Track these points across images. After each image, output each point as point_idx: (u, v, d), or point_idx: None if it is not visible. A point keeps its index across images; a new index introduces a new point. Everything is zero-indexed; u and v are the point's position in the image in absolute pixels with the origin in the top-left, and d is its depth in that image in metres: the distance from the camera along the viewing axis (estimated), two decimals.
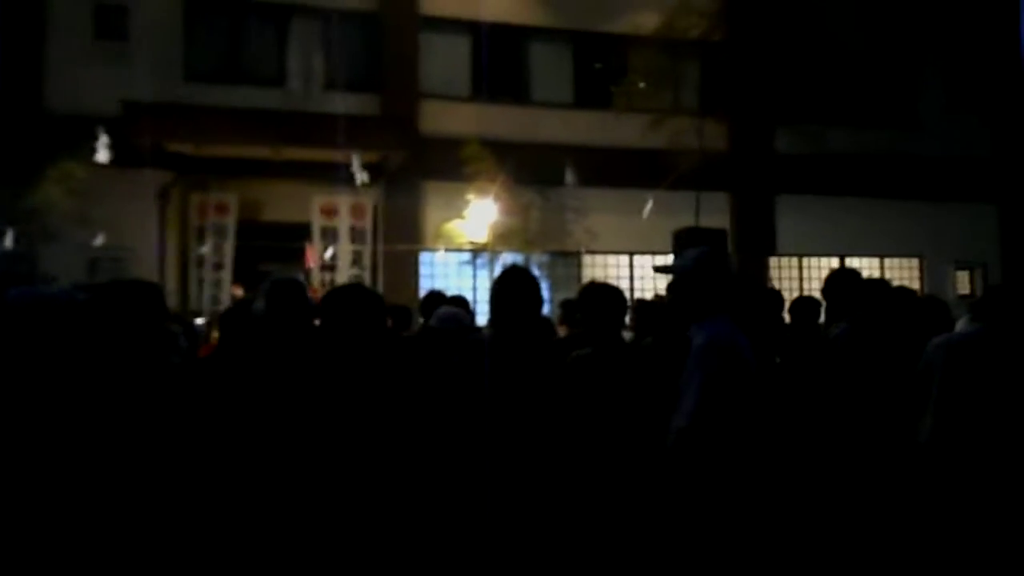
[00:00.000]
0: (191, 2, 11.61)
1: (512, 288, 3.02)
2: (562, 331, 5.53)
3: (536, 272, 3.64)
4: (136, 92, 10.11)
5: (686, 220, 10.31)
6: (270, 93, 11.47)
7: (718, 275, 2.93)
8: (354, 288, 3.02)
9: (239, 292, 10.10)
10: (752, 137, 12.82)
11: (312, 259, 11.04)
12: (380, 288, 11.34)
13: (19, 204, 10.08)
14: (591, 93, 12.63)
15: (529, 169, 11.18)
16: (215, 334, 5.21)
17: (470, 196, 11.14)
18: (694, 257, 2.99)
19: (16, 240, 9.89)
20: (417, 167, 11.50)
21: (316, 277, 10.89)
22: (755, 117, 12.25)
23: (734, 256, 11.46)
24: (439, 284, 10.72)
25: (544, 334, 3.79)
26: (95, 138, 9.42)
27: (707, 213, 10.83)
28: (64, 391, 2.16)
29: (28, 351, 2.25)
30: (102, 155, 9.34)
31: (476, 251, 11.54)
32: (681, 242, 8.73)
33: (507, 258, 11.20)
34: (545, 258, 11.89)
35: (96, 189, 9.72)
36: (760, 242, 13.14)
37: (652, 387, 3.11)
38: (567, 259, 12.40)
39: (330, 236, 11.17)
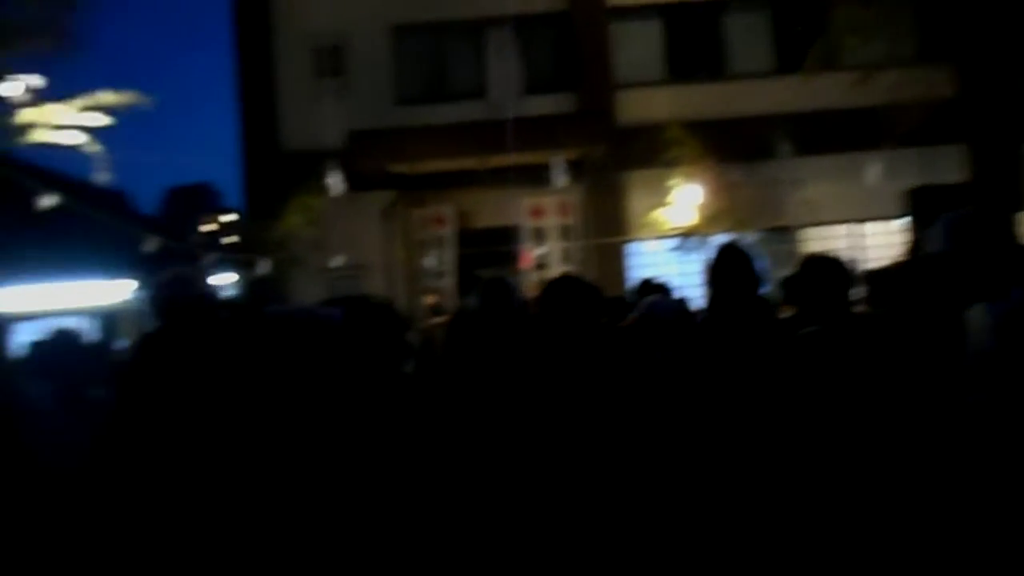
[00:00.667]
0: (396, 32, 12.45)
1: (727, 267, 2.88)
2: (786, 312, 5.32)
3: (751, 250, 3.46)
4: (355, 122, 11.06)
5: (913, 180, 9.48)
6: (473, 106, 12.00)
7: (991, 243, 2.40)
8: (569, 279, 3.07)
9: (431, 300, 10.64)
10: (988, 81, 11.48)
11: (527, 261, 11.42)
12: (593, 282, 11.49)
13: (268, 235, 11.40)
14: (793, 57, 11.94)
15: (734, 145, 10.81)
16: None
17: (674, 181, 10.99)
18: (949, 230, 2.44)
19: (268, 268, 11.16)
20: (618, 159, 11.52)
21: (530, 277, 11.27)
22: (989, 58, 10.96)
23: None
24: (649, 274, 10.65)
25: (764, 314, 3.58)
26: (326, 169, 10.38)
27: (937, 170, 9.87)
28: (323, 398, 2.37)
29: (290, 361, 2.50)
30: (334, 184, 10.26)
31: (684, 236, 11.35)
32: (918, 202, 7.99)
33: (717, 241, 10.91)
34: (759, 236, 11.44)
35: (330, 215, 10.75)
36: (1005, 197, 11.74)
37: (896, 362, 2.78)
38: (784, 235, 11.84)
39: (540, 236, 11.51)
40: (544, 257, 11.43)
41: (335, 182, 10.13)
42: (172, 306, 2.62)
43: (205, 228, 22.52)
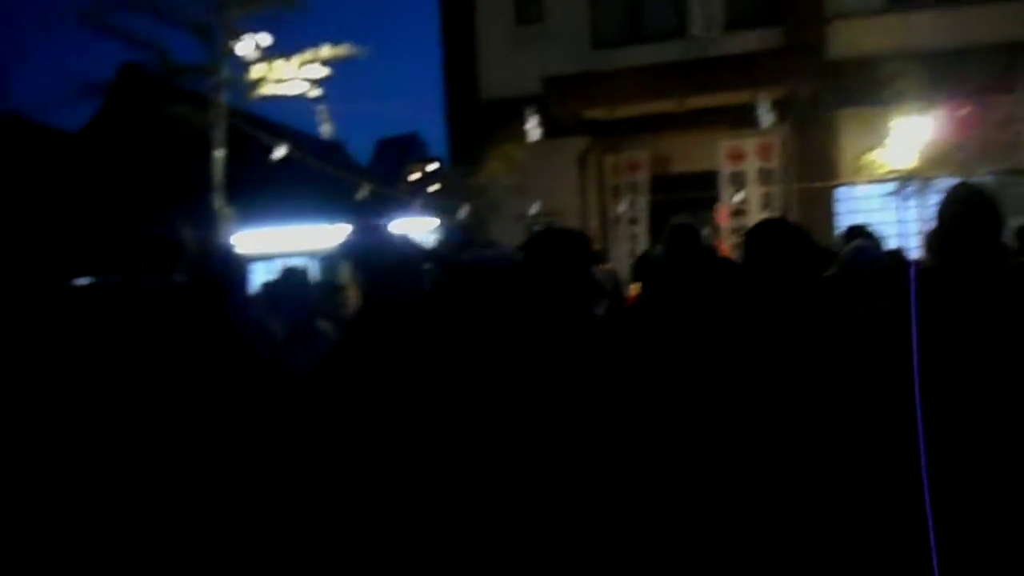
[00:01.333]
0: None
1: (966, 210, 2.41)
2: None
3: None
4: (552, 68, 11.11)
5: None
6: (672, 45, 11.61)
7: None
8: (775, 222, 2.78)
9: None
10: None
11: (723, 216, 11.05)
12: None
13: (469, 183, 11.86)
14: None
15: (965, 79, 9.71)
16: (634, 286, 5.59)
17: (893, 120, 10.08)
18: None
19: (468, 214, 11.63)
20: (828, 96, 10.74)
21: (726, 231, 10.89)
22: None
23: None
24: (861, 220, 9.94)
25: (1004, 264, 2.99)
26: (524, 117, 10.56)
27: None
28: (505, 343, 2.30)
29: (479, 305, 2.58)
30: (532, 132, 10.42)
31: (902, 180, 10.43)
32: None
33: (941, 184, 9.92)
34: (989, 180, 10.27)
35: (527, 162, 10.97)
36: None
37: None
38: (1019, 178, 10.54)
39: (738, 181, 11.07)
40: (743, 203, 11.00)
41: (532, 129, 10.29)
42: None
43: (411, 176, 23.75)
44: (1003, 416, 2.22)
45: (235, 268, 2.58)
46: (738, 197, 10.97)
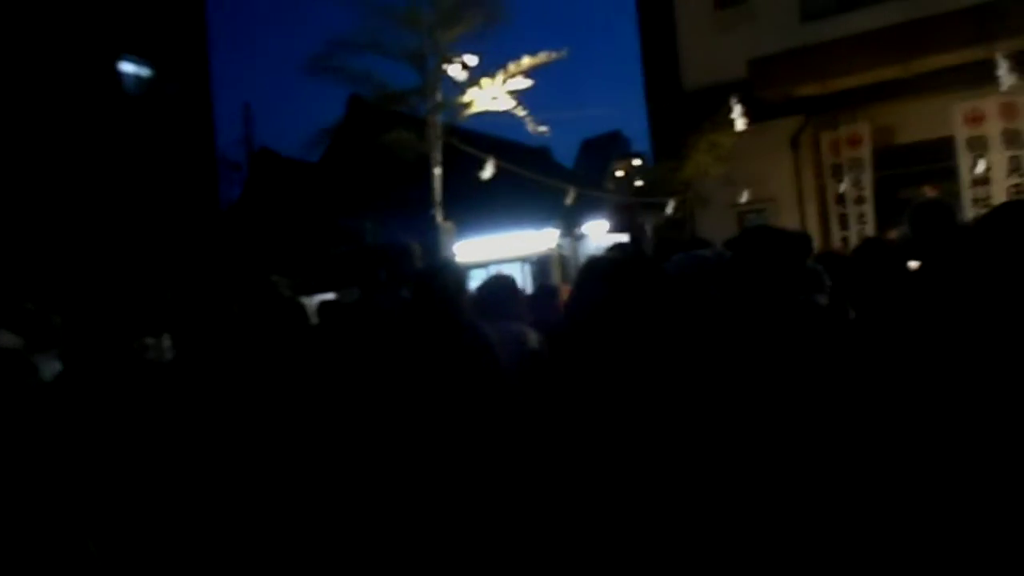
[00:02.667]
0: None
1: None
2: None
3: None
4: (760, 48, 10.65)
5: None
6: (892, 7, 10.67)
7: None
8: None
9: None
10: None
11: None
12: None
13: (675, 176, 11.68)
14: None
15: None
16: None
17: None
18: None
19: (676, 208, 11.45)
20: None
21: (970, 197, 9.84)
22: None
23: None
24: None
25: None
26: (729, 104, 10.24)
27: None
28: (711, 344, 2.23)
29: (684, 308, 2.51)
30: (738, 119, 10.07)
31: None
32: None
33: None
34: None
35: (736, 150, 10.61)
36: None
37: None
38: None
39: (979, 146, 9.96)
40: (987, 171, 9.88)
41: (738, 116, 9.94)
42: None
43: (617, 174, 23.78)
44: None
45: (456, 281, 2.76)
46: (981, 166, 9.88)
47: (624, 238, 10.64)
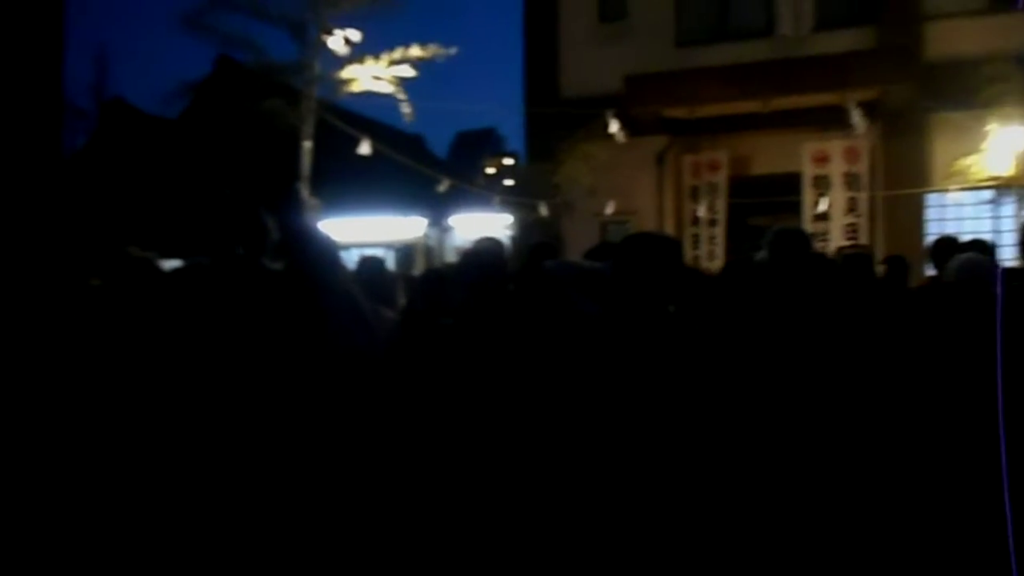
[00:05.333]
0: None
1: None
2: None
3: None
4: (635, 66, 11.04)
5: None
6: (759, 44, 11.39)
7: None
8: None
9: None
10: None
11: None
12: (880, 236, 10.60)
13: (545, 180, 11.88)
14: None
15: None
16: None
17: (990, 125, 9.66)
18: None
19: (544, 212, 11.64)
20: (921, 99, 10.36)
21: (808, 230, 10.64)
22: None
23: None
24: (951, 229, 9.58)
25: None
26: (604, 116, 10.52)
27: None
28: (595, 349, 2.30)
29: (561, 314, 2.57)
30: (613, 131, 10.32)
31: (999, 188, 9.99)
32: None
33: None
34: None
35: (605, 161, 10.92)
36: None
37: None
38: None
39: (822, 184, 10.78)
40: (828, 209, 10.70)
41: (613, 128, 10.22)
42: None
43: (488, 171, 23.89)
44: None
45: (331, 253, 2.67)
46: (823, 203, 10.69)
47: (492, 232, 10.69)
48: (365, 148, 8.51)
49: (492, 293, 2.52)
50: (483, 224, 12.35)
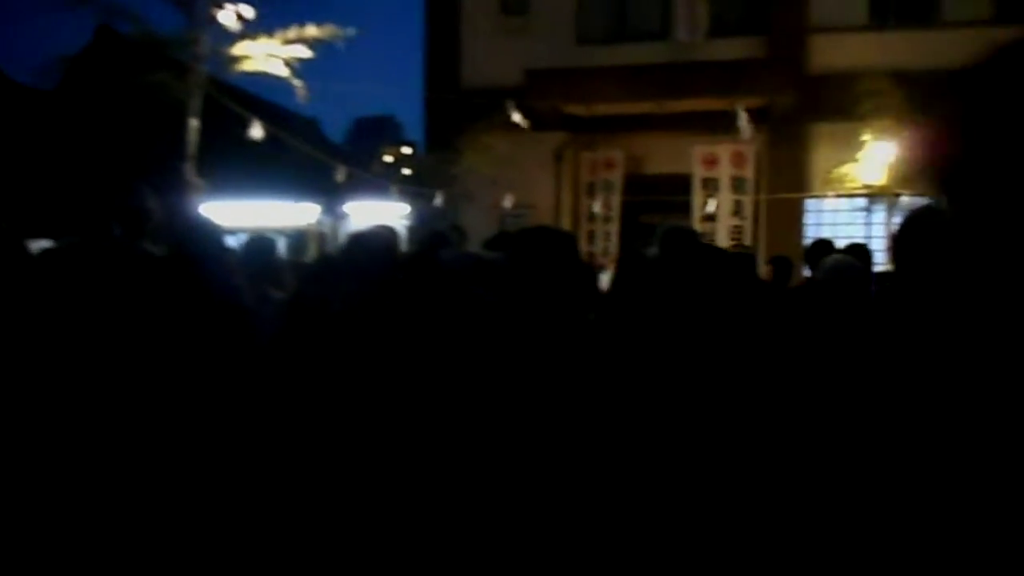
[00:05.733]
0: None
1: (925, 233, 2.68)
2: None
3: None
4: (535, 61, 11.11)
5: None
6: (656, 47, 11.67)
7: None
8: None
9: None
10: None
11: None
12: (762, 238, 11.08)
13: (443, 170, 11.81)
14: (1015, 5, 10.67)
15: (939, 100, 9.88)
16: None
17: (866, 136, 10.26)
18: None
19: (442, 202, 11.57)
20: (805, 109, 10.88)
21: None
22: None
23: None
24: (826, 233, 10.12)
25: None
26: (504, 108, 10.53)
27: None
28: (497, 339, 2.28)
29: (458, 305, 2.57)
30: (516, 120, 10.31)
31: (872, 196, 10.63)
32: None
33: (907, 203, 10.15)
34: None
35: (504, 154, 10.95)
36: None
37: None
38: None
39: (711, 186, 11.18)
40: (715, 211, 11.10)
41: (516, 120, 10.20)
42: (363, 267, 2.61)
43: (385, 159, 23.56)
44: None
45: (214, 238, 2.55)
46: (711, 204, 11.08)
47: (387, 221, 10.52)
48: (256, 130, 8.19)
49: (380, 280, 2.47)
50: (379, 213, 12.14)
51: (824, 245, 5.70)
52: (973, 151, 1.02)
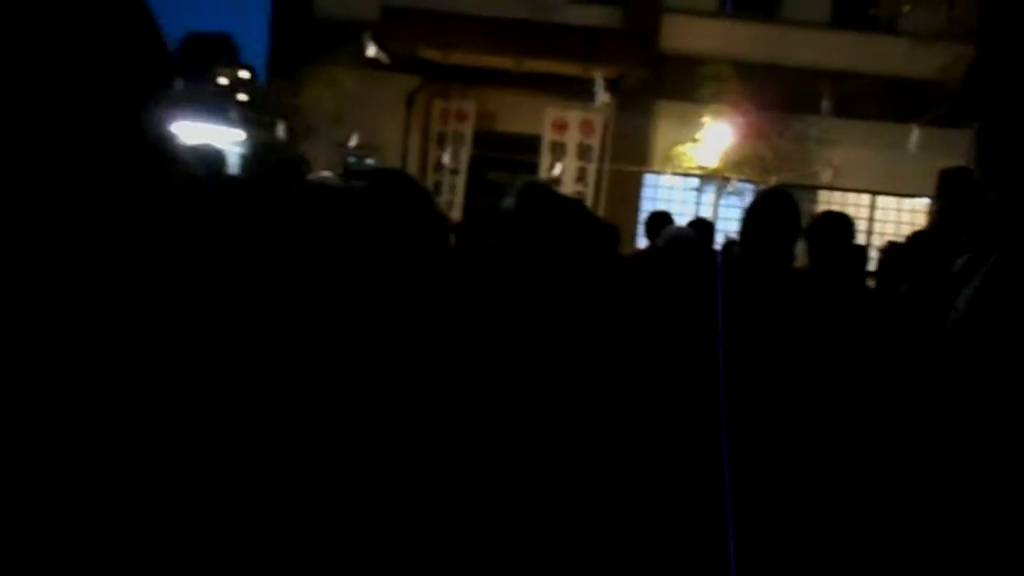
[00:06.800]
0: None
1: (774, 212, 2.75)
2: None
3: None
4: None
5: (947, 162, 9.26)
6: (518, 3, 11.49)
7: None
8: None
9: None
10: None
11: None
12: (601, 206, 11.38)
13: (287, 100, 11.13)
14: (851, 12, 11.51)
15: (773, 93, 10.52)
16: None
17: (705, 119, 10.74)
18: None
19: (285, 133, 10.92)
20: (653, 85, 11.21)
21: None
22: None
23: None
24: (661, 208, 10.55)
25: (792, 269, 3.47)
26: (356, 42, 10.02)
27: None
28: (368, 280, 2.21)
29: (321, 238, 2.39)
30: (371, 54, 9.79)
31: (705, 177, 11.18)
32: (950, 184, 7.82)
33: (737, 186, 10.78)
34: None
35: (352, 91, 10.46)
36: None
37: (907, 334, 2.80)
38: (803, 193, 11.68)
39: (559, 151, 11.30)
40: (560, 174, 11.25)
41: (379, 55, 9.64)
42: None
43: (219, 80, 21.94)
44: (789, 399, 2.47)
45: None
46: (557, 167, 11.20)
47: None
48: None
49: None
50: (211, 136, 11.28)
51: (662, 216, 5.91)
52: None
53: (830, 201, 11.70)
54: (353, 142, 10.88)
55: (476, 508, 2.00)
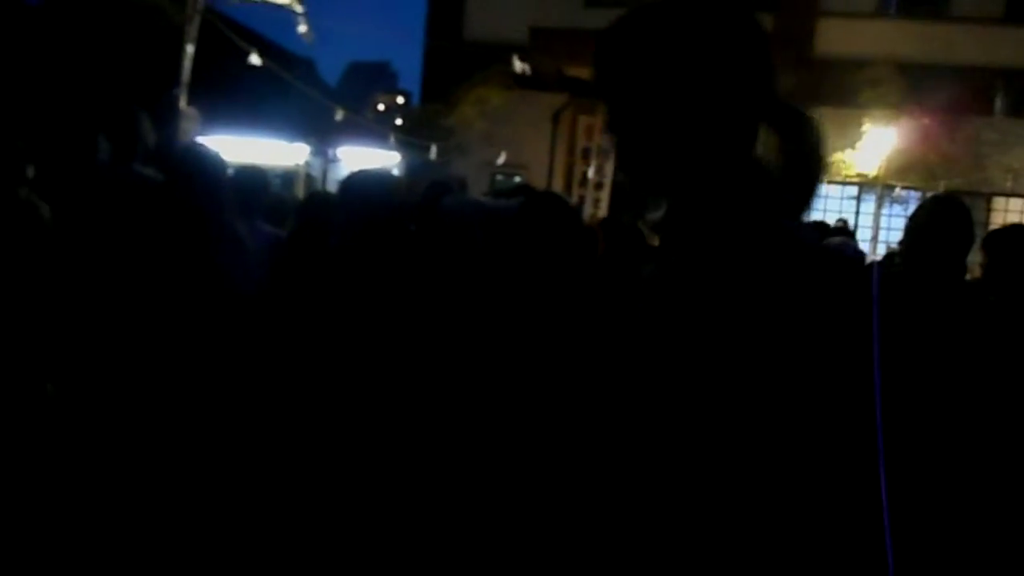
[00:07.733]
0: None
1: (944, 220, 2.52)
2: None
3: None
4: (541, 19, 10.90)
5: None
6: None
7: None
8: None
9: None
10: None
11: None
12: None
13: (440, 122, 11.65)
14: None
15: (941, 95, 9.88)
16: None
17: (865, 124, 10.23)
18: None
19: (437, 153, 11.44)
20: (808, 90, 10.77)
21: None
22: None
23: None
24: (817, 218, 10.13)
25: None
26: (505, 63, 10.36)
27: None
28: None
29: (461, 253, 2.47)
30: (518, 72, 10.04)
31: (865, 184, 10.65)
32: None
33: (900, 194, 10.19)
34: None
35: (501, 111, 10.80)
36: None
37: None
38: (975, 200, 10.85)
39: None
40: None
41: (525, 68, 9.85)
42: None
43: (379, 106, 23.21)
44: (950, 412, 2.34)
45: (215, 167, 2.46)
46: None
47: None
48: (255, 59, 7.99)
49: (378, 220, 2.39)
50: (371, 159, 11.98)
51: (821, 226, 5.79)
52: None
53: (1007, 208, 10.80)
54: (501, 160, 11.22)
55: (485, 507, 2.05)
